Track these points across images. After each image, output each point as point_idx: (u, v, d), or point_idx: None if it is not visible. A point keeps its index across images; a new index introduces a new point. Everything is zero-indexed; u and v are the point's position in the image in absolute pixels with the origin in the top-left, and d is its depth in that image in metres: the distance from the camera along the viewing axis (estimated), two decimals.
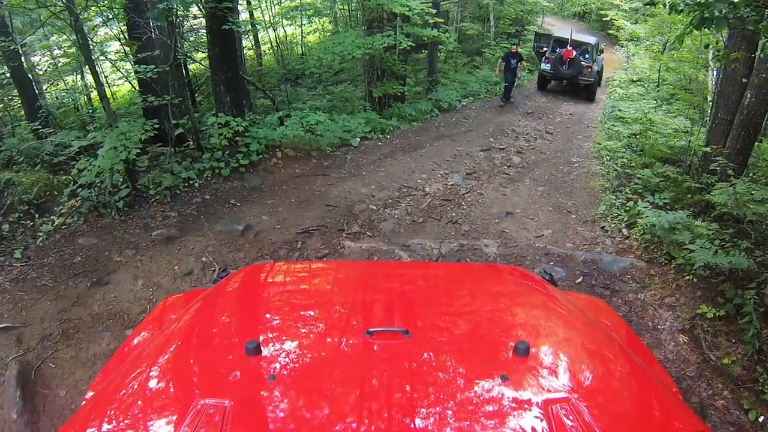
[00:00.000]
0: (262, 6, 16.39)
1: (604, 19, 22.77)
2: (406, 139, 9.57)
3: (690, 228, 5.40)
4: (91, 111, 9.92)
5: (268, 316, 1.85)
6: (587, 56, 14.36)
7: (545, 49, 15.10)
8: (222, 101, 7.12)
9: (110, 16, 6.19)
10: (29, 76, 10.27)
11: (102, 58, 10.43)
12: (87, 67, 6.30)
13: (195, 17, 11.76)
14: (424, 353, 1.48)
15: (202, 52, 11.28)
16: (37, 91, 11.00)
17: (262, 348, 1.43)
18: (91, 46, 6.38)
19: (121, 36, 9.13)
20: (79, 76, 15.19)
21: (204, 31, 11.86)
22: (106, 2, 5.91)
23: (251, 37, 16.47)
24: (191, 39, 11.35)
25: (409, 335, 1.49)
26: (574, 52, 13.84)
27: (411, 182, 7.48)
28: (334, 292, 2.10)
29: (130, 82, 9.67)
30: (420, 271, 2.72)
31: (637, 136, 9.93)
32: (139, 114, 9.28)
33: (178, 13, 7.25)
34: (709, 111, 11.40)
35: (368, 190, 7.07)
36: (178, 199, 6.40)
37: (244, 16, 15.53)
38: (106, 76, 14.42)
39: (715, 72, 12.09)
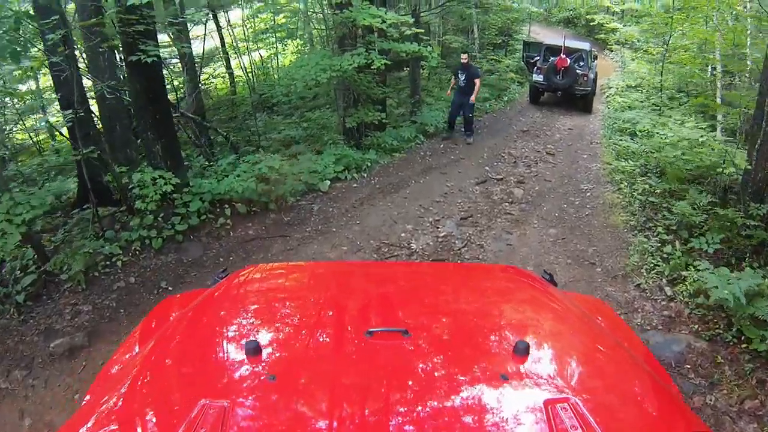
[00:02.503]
0: (235, 31, 15.06)
1: (591, 23, 21.76)
2: (386, 177, 8.15)
3: (763, 292, 4.06)
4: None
5: (267, 316, 1.79)
6: (582, 64, 13.18)
7: (536, 58, 13.87)
8: (152, 151, 5.71)
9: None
10: None
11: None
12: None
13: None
14: (424, 353, 1.45)
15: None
16: None
17: (261, 348, 1.38)
18: None
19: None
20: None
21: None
22: None
23: (224, 63, 15.14)
24: None
25: (409, 335, 1.45)
26: (568, 61, 12.64)
27: (393, 237, 6.02)
28: (334, 292, 2.02)
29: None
30: (419, 270, 2.63)
31: (651, 153, 8.57)
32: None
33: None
34: (719, 117, 10.28)
35: (338, 254, 5.59)
36: (95, 285, 4.96)
37: (215, 41, 14.33)
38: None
39: (720, 72, 11.02)
